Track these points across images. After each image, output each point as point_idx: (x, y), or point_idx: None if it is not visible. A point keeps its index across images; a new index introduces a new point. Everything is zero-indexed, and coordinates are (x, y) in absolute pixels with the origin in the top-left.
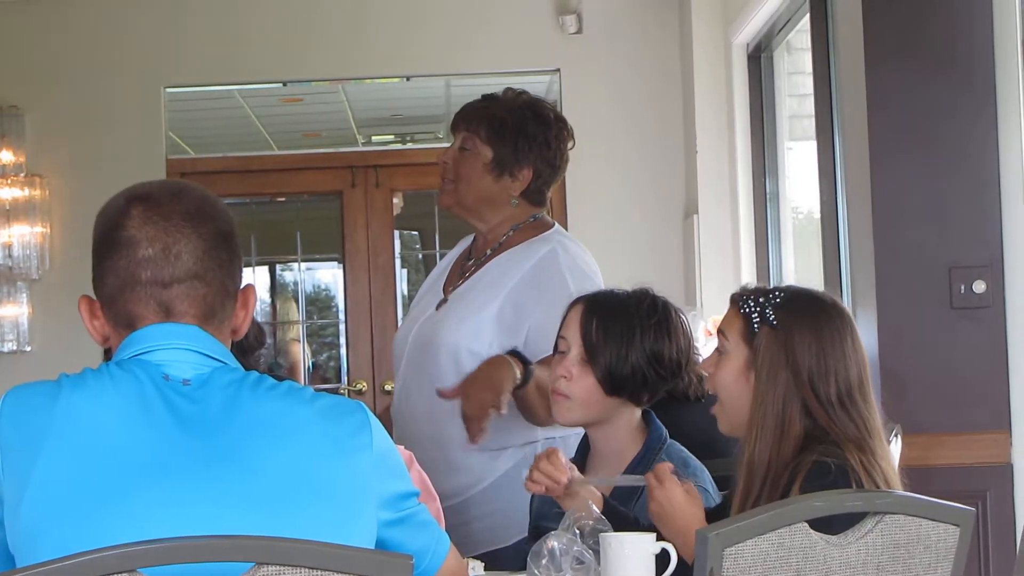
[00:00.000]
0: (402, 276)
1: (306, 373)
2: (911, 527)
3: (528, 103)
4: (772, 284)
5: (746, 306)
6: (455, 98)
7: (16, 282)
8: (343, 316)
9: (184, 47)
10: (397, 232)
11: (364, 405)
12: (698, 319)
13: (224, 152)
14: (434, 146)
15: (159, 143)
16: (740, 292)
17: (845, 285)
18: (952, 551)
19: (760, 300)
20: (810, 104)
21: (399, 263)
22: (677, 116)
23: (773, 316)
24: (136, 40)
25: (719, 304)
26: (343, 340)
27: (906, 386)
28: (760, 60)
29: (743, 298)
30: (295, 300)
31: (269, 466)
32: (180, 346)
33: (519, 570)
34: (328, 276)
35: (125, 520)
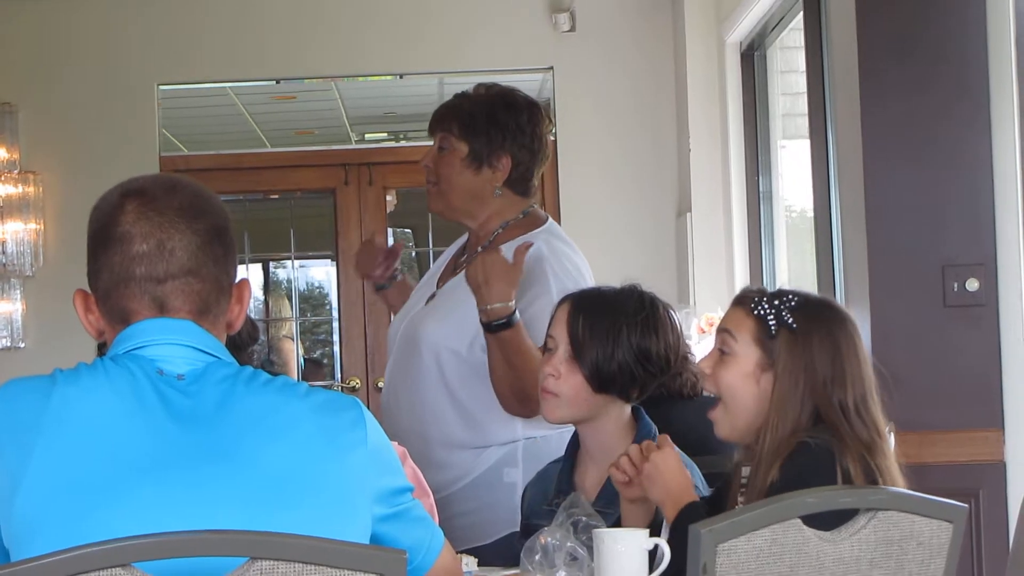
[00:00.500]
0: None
1: (299, 371)
2: (904, 523)
3: (498, 93)
4: (767, 284)
5: (760, 308)
6: (448, 96)
7: (10, 279)
8: (336, 313)
9: (178, 45)
10: (390, 230)
11: (359, 401)
12: (691, 317)
13: (217, 149)
14: (427, 144)
15: (152, 140)
16: (750, 294)
17: (838, 283)
18: (945, 547)
19: (776, 303)
20: (803, 102)
21: None
22: (670, 114)
23: (792, 319)
24: (130, 37)
25: (712, 302)
26: (336, 337)
27: (899, 384)
28: (753, 58)
29: (755, 300)
30: (288, 297)
31: (264, 461)
32: (175, 341)
33: (500, 566)
34: (321, 274)
35: (120, 515)
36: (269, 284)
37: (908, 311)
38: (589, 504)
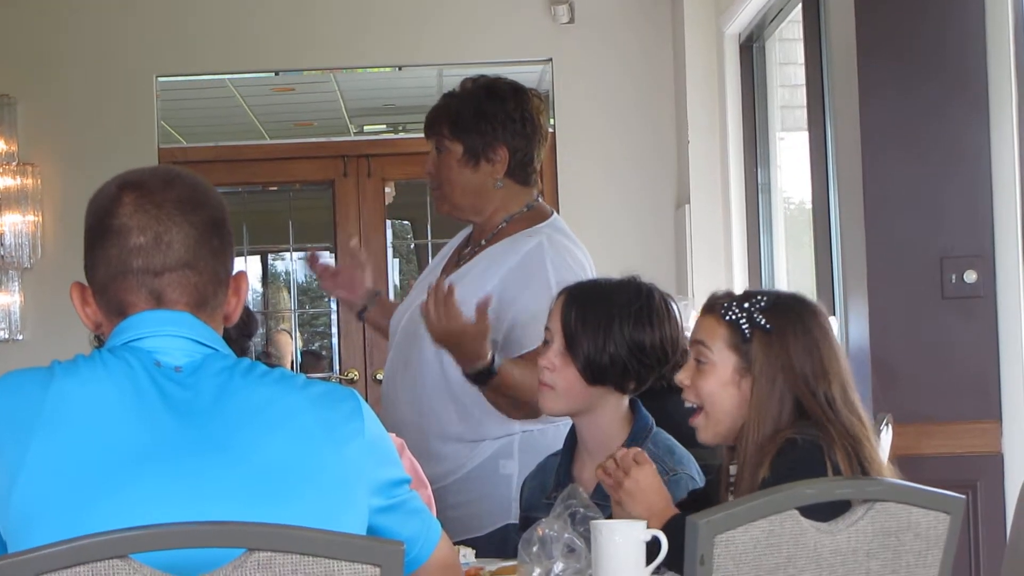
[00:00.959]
0: (394, 266)
1: (294, 363)
2: (902, 515)
3: (483, 86)
4: (765, 276)
5: (731, 313)
6: (447, 88)
7: (8, 271)
8: (335, 305)
9: (176, 36)
10: (389, 222)
11: (356, 392)
12: (689, 308)
13: (216, 141)
14: None
15: (151, 132)
16: (718, 300)
17: (836, 275)
18: (942, 539)
19: (745, 306)
20: (802, 94)
21: (391, 252)
22: (669, 106)
23: (764, 320)
24: (129, 29)
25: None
26: (335, 329)
27: (897, 375)
28: (752, 50)
29: (724, 306)
30: (287, 289)
31: (261, 453)
32: (172, 333)
33: (496, 558)
34: None
35: (117, 506)
36: (268, 276)
37: (906, 303)
38: (587, 496)
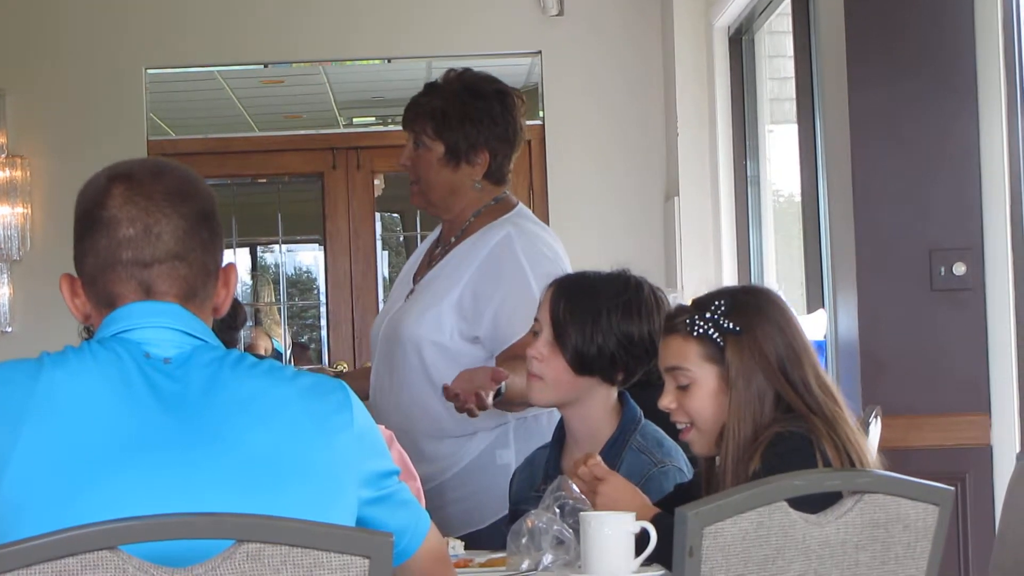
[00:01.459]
0: (383, 258)
1: (282, 358)
2: (890, 506)
3: (467, 86)
4: (754, 268)
5: (696, 328)
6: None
7: None
8: (324, 298)
9: (165, 28)
10: (378, 214)
11: (345, 384)
12: (678, 301)
13: (205, 133)
14: None
15: (140, 124)
16: (679, 317)
17: (825, 267)
18: (931, 531)
19: (707, 316)
20: (791, 87)
21: (380, 245)
22: (658, 98)
23: (731, 323)
24: (118, 21)
25: (700, 286)
26: (324, 322)
27: (886, 368)
28: (741, 43)
29: (687, 322)
30: (276, 282)
31: (250, 444)
32: (161, 324)
33: (496, 550)
34: (309, 258)
35: (106, 498)
36: (257, 268)
37: (895, 295)
38: (575, 488)
